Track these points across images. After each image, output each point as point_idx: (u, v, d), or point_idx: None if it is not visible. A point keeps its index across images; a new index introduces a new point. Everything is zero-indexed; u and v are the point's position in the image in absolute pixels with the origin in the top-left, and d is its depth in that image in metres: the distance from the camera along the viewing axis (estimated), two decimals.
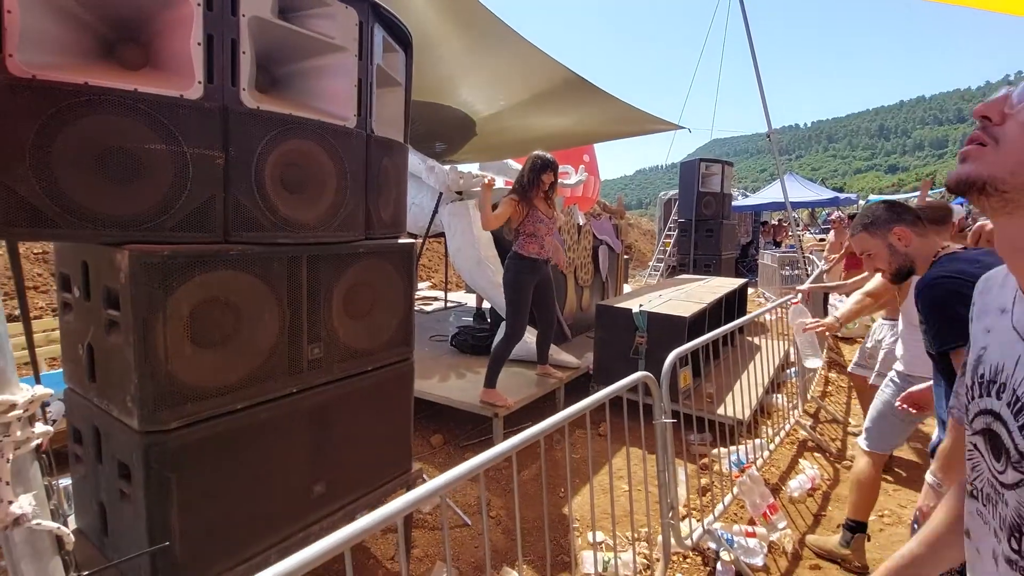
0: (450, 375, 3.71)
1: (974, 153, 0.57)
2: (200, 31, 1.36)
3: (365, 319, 1.90)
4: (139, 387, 1.31)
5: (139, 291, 1.29)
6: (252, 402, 1.53)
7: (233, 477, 1.51)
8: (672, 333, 3.43)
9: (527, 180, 3.21)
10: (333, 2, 1.64)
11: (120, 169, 1.29)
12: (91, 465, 1.56)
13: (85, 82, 1.25)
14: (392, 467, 2.07)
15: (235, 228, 1.46)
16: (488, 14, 3.46)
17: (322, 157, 1.65)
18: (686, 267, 9.18)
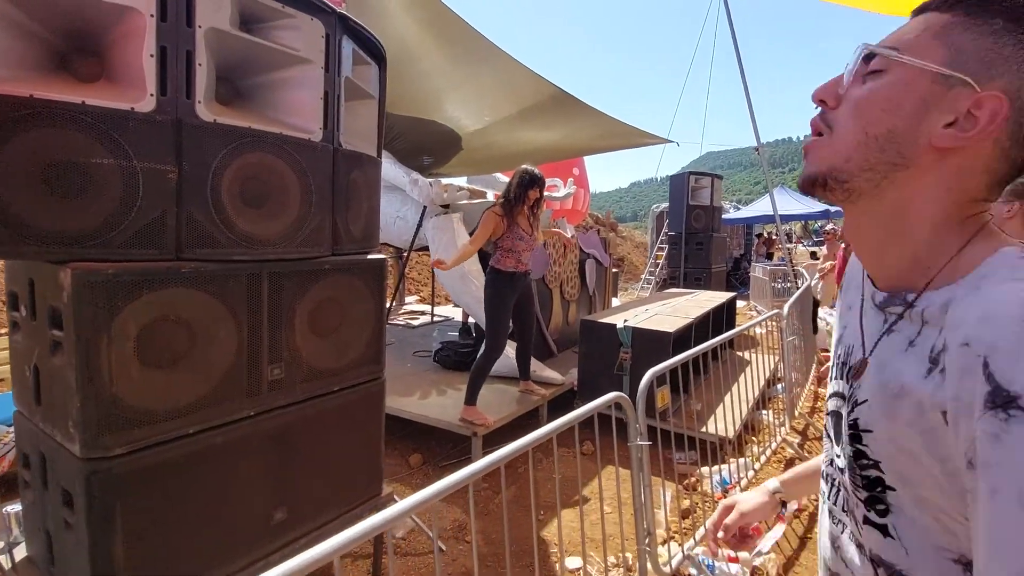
0: (431, 392, 3.65)
1: (812, 147, 0.55)
2: (153, 42, 1.32)
3: (331, 337, 1.84)
4: (81, 411, 1.25)
5: (82, 310, 1.23)
6: (206, 426, 1.47)
7: (185, 505, 1.44)
8: (657, 349, 3.38)
9: (513, 195, 3.18)
10: (297, 14, 1.61)
11: (66, 184, 1.24)
12: (38, 492, 1.49)
13: (30, 95, 1.21)
14: (361, 491, 2.01)
15: (188, 245, 1.41)
16: (471, 31, 3.46)
17: (284, 171, 1.61)
18: (676, 280, 9.17)
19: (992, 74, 0.46)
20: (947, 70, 0.47)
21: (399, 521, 1.03)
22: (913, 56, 0.49)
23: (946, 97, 0.48)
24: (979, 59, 0.46)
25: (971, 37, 0.47)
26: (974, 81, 0.46)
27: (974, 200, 0.50)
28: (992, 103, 0.46)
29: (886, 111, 0.50)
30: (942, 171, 0.49)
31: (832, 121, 0.53)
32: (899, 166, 0.50)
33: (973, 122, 0.46)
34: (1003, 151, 0.47)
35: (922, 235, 0.51)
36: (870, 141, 0.50)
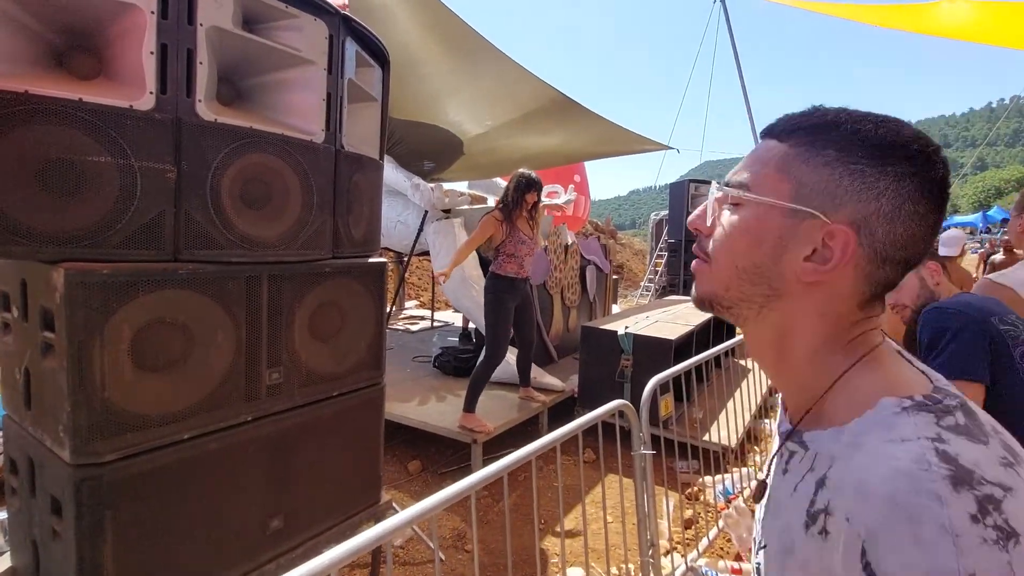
0: (430, 398, 3.61)
1: (697, 271, 0.56)
2: (153, 40, 1.30)
3: (331, 341, 1.81)
4: (72, 415, 1.21)
5: (75, 312, 1.20)
6: (201, 431, 1.43)
7: (178, 513, 1.40)
8: (658, 356, 3.36)
9: (511, 199, 3.16)
10: (301, 14, 1.58)
11: (61, 182, 1.21)
12: (25, 499, 1.45)
13: (25, 90, 1.18)
14: (359, 499, 1.96)
15: (187, 245, 1.38)
16: (474, 35, 3.45)
17: (285, 172, 1.58)
18: (676, 288, 9.15)
19: (836, 204, 0.47)
20: (794, 204, 0.48)
21: (403, 531, 0.99)
22: (761, 192, 0.50)
23: (799, 229, 0.48)
24: (821, 191, 0.47)
25: (809, 170, 0.48)
26: (821, 213, 0.47)
27: (853, 322, 0.50)
28: (841, 236, 0.47)
29: (749, 246, 0.51)
30: (814, 298, 0.49)
31: (707, 249, 0.54)
32: (772, 297, 0.51)
33: (830, 252, 0.47)
34: (865, 274, 0.48)
35: (805, 360, 0.51)
36: (741, 274, 0.51)
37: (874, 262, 0.48)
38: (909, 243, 0.47)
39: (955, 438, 0.40)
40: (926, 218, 0.47)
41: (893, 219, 0.46)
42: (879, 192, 0.46)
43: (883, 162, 0.46)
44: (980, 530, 0.35)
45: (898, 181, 0.46)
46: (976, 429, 0.41)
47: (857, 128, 0.47)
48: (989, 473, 0.37)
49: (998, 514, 0.35)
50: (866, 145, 0.47)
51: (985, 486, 0.37)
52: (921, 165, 0.46)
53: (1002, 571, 0.34)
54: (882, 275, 0.48)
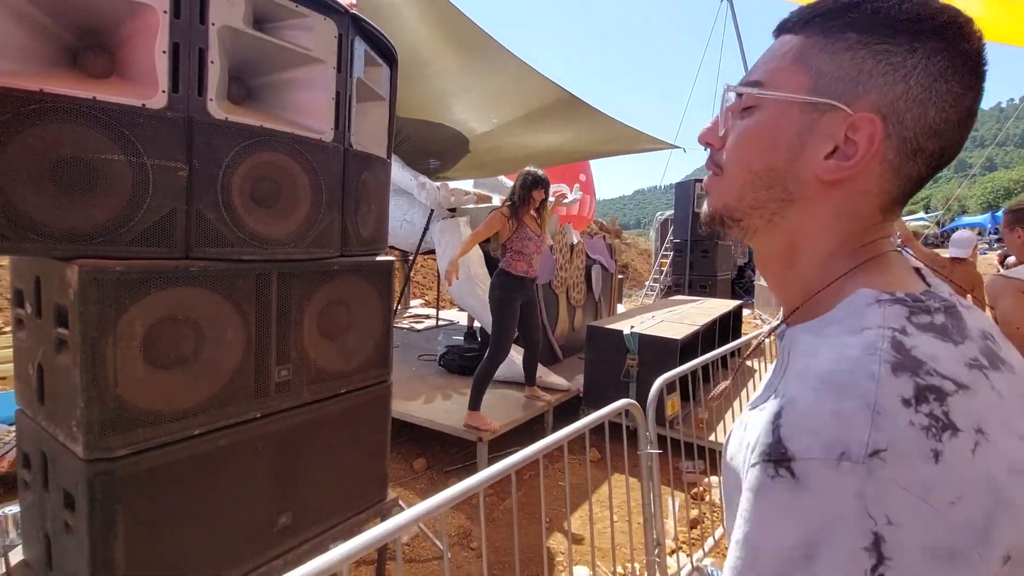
0: (436, 396, 3.62)
1: (709, 186, 0.53)
2: (166, 39, 1.31)
3: (339, 339, 1.82)
4: (85, 411, 1.23)
5: (88, 309, 1.21)
6: (211, 427, 1.45)
7: (188, 508, 1.41)
8: (664, 356, 3.35)
9: (517, 196, 3.16)
10: (311, 13, 1.59)
11: (74, 180, 1.22)
12: (38, 493, 1.46)
13: (40, 89, 1.19)
14: (366, 496, 1.97)
15: (198, 243, 1.39)
16: (481, 33, 3.45)
17: (295, 171, 1.59)
18: (681, 288, 9.13)
19: (859, 92, 0.43)
20: (813, 97, 0.45)
21: (409, 528, 1.00)
22: (776, 88, 0.47)
23: (819, 125, 0.45)
24: (842, 79, 0.44)
25: (829, 57, 0.44)
26: (844, 104, 0.43)
27: (870, 225, 0.46)
28: (867, 126, 0.43)
29: (763, 149, 0.47)
30: (832, 200, 0.46)
31: (720, 162, 0.51)
32: (788, 201, 0.47)
33: (853, 148, 0.43)
34: (893, 168, 0.44)
35: (814, 266, 0.48)
36: (756, 179, 0.48)
37: (903, 154, 0.43)
38: (944, 129, 0.43)
39: (920, 333, 0.38)
40: (961, 98, 0.43)
41: (924, 102, 0.42)
42: (907, 72, 0.42)
43: (910, 38, 0.42)
44: (910, 413, 0.33)
45: (928, 58, 0.42)
46: (953, 330, 0.39)
47: (879, 5, 0.43)
48: (945, 368, 0.36)
49: (938, 404, 0.34)
50: (889, 23, 0.42)
51: (934, 377, 0.35)
52: (952, 38, 0.42)
53: (922, 454, 0.32)
54: (913, 169, 0.44)
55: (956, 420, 0.33)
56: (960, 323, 0.40)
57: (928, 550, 0.31)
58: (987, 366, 0.37)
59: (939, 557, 0.30)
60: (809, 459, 0.33)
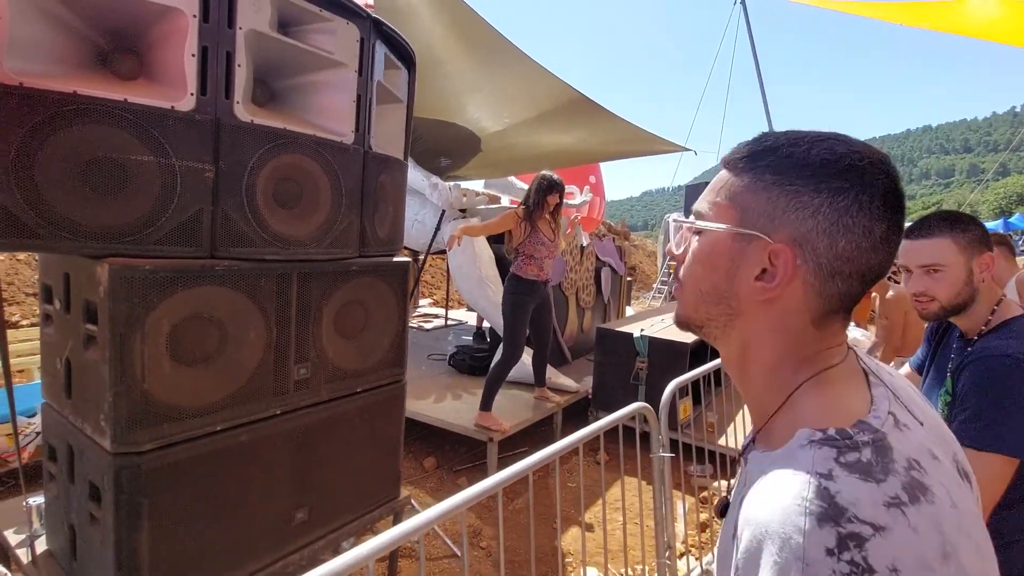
0: (446, 396, 3.64)
1: (676, 293, 0.60)
2: (195, 43, 1.34)
3: (356, 338, 1.84)
4: (113, 405, 1.26)
5: (117, 306, 1.24)
6: (233, 423, 1.47)
7: (209, 503, 1.44)
8: (674, 359, 3.36)
9: (532, 201, 3.17)
10: (334, 17, 1.62)
11: (106, 180, 1.25)
12: (63, 485, 1.50)
13: (74, 91, 1.22)
14: (379, 494, 2.00)
15: (223, 243, 1.42)
16: (495, 34, 3.47)
17: (317, 172, 1.62)
18: None
19: (776, 225, 0.50)
20: (740, 229, 0.51)
21: (432, 526, 1.02)
22: (713, 220, 0.54)
23: (747, 252, 0.51)
24: (762, 214, 0.50)
25: (751, 195, 0.51)
26: (764, 234, 0.50)
27: (806, 339, 0.52)
28: (784, 254, 0.49)
29: (706, 270, 0.55)
30: (768, 315, 0.52)
31: (680, 275, 0.59)
32: (732, 315, 0.54)
33: (775, 271, 0.50)
34: (814, 289, 0.50)
35: (761, 375, 0.54)
36: (704, 296, 0.55)
37: (821, 276, 0.49)
38: (856, 255, 0.48)
39: (845, 476, 0.42)
40: (870, 230, 0.48)
41: (833, 234, 0.48)
42: (814, 210, 0.48)
43: (816, 181, 0.48)
44: (832, 563, 0.38)
45: (832, 197, 0.48)
46: (878, 467, 0.43)
47: (791, 151, 0.50)
48: (864, 512, 0.40)
49: (858, 551, 0.38)
50: (799, 165, 0.49)
51: (854, 524, 0.39)
52: (855, 179, 0.48)
53: None
54: (834, 288, 0.50)
55: (873, 563, 0.38)
56: (886, 457, 0.44)
57: None
58: (906, 503, 0.41)
59: None
60: None
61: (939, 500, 0.43)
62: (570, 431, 3.80)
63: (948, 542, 0.41)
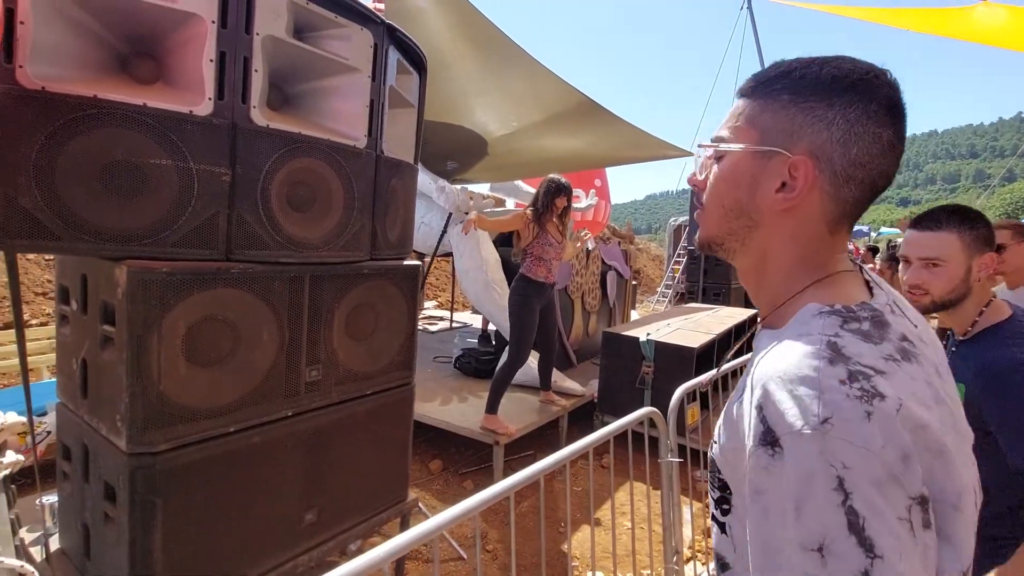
0: (452, 398, 3.65)
1: (698, 217, 0.66)
2: (213, 48, 1.35)
3: (366, 341, 1.86)
4: (129, 406, 1.27)
5: (135, 307, 1.25)
6: (245, 425, 1.49)
7: (221, 503, 1.45)
8: (680, 364, 3.36)
9: (540, 203, 3.18)
10: (349, 24, 1.63)
11: (125, 183, 1.27)
12: (78, 484, 1.51)
13: (95, 95, 1.24)
14: (387, 496, 2.01)
15: (238, 246, 1.44)
16: (503, 37, 3.48)
17: (330, 176, 1.63)
18: (695, 295, 9.09)
19: (795, 140, 0.55)
20: (761, 147, 0.57)
21: (444, 529, 1.03)
22: (734, 142, 0.60)
23: (768, 167, 0.57)
24: (781, 131, 0.56)
25: (770, 116, 0.57)
26: (784, 150, 0.56)
27: (820, 244, 0.58)
28: (802, 166, 0.55)
29: (729, 187, 0.60)
30: (787, 224, 0.58)
31: (702, 199, 0.65)
32: (753, 227, 0.60)
33: (795, 182, 0.56)
34: (830, 196, 0.56)
35: (779, 279, 0.60)
36: (726, 212, 0.61)
37: (836, 183, 0.55)
38: (867, 160, 0.54)
39: (850, 336, 0.50)
40: (879, 136, 0.54)
41: (846, 142, 0.54)
42: (829, 122, 0.54)
43: (829, 96, 0.54)
44: (846, 388, 0.45)
45: (844, 109, 0.53)
46: (876, 334, 0.50)
47: (804, 72, 0.55)
48: (867, 360, 0.47)
49: (866, 381, 0.45)
50: (812, 84, 0.55)
51: (860, 366, 0.46)
52: (863, 91, 0.53)
53: (858, 416, 0.43)
54: (847, 193, 0.56)
55: (882, 391, 0.45)
56: (883, 329, 0.51)
57: (873, 481, 0.42)
58: (899, 359, 0.49)
59: (880, 484, 0.42)
60: (785, 435, 0.45)
61: (926, 365, 0.51)
62: (575, 435, 3.80)
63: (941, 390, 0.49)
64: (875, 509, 0.41)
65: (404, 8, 3.22)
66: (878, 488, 0.42)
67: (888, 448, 0.43)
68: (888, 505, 0.42)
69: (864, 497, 0.41)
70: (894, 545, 0.41)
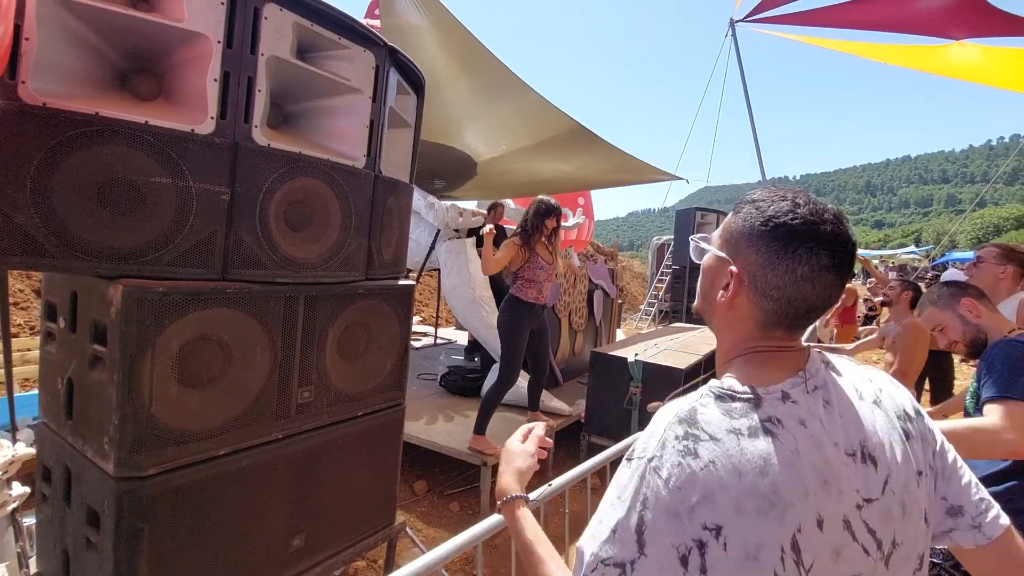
0: (438, 417, 3.62)
1: None
2: (218, 67, 1.35)
3: (359, 361, 1.84)
4: (119, 428, 1.24)
5: (129, 327, 1.23)
6: (235, 447, 1.46)
7: (208, 528, 1.41)
8: (668, 385, 3.38)
9: (530, 225, 3.20)
10: (352, 45, 1.65)
11: (122, 201, 1.25)
12: (58, 507, 1.46)
13: (96, 112, 1.23)
14: (375, 519, 1.97)
15: (234, 265, 1.42)
16: (497, 63, 3.53)
17: (328, 196, 1.63)
18: (679, 314, 9.19)
19: (738, 254, 0.71)
20: (719, 253, 0.74)
21: (440, 565, 1.02)
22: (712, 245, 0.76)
23: (722, 270, 0.73)
24: (733, 245, 0.72)
25: (731, 232, 0.73)
26: (731, 260, 0.71)
27: (751, 337, 0.71)
28: (736, 275, 0.70)
29: (705, 278, 0.78)
30: (728, 317, 0.73)
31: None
32: (711, 312, 0.76)
33: (729, 286, 0.71)
34: (754, 303, 0.70)
35: (721, 355, 0.76)
36: (703, 295, 0.79)
37: (757, 296, 0.69)
38: (782, 285, 0.67)
39: (712, 406, 0.63)
40: (792, 269, 0.66)
41: (764, 267, 0.68)
42: (756, 249, 0.69)
43: (762, 231, 0.68)
44: (675, 443, 0.60)
45: (768, 243, 0.67)
46: (738, 412, 0.62)
47: (760, 204, 0.70)
48: (710, 428, 0.60)
49: (693, 441, 0.59)
50: (760, 217, 0.69)
51: (699, 430, 0.60)
52: (785, 234, 0.66)
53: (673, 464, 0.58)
54: (767, 305, 0.69)
55: (700, 452, 0.59)
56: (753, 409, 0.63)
57: (665, 509, 0.57)
58: (745, 435, 0.60)
59: (670, 514, 0.57)
60: (633, 454, 0.63)
61: (782, 445, 0.60)
62: (562, 455, 3.78)
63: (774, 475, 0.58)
64: (655, 527, 0.57)
65: (398, 25, 3.25)
66: (665, 516, 0.57)
67: (683, 491, 0.57)
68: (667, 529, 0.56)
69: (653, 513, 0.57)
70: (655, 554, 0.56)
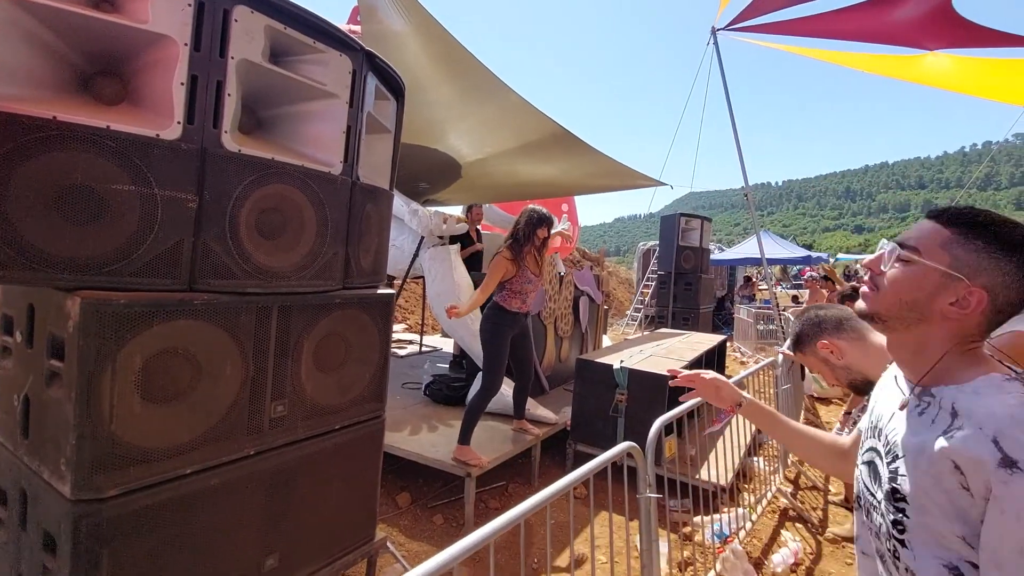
0: (422, 427, 3.55)
1: (866, 295, 0.85)
2: (185, 71, 1.30)
3: (336, 372, 1.78)
4: (76, 448, 1.17)
5: (87, 341, 1.17)
6: (203, 466, 1.39)
7: (174, 551, 1.35)
8: (654, 391, 3.36)
9: (522, 234, 3.16)
10: (327, 49, 1.61)
11: (82, 209, 1.19)
12: (14, 532, 1.39)
13: (53, 116, 1.17)
14: (354, 536, 1.91)
15: (203, 275, 1.36)
16: (480, 66, 3.51)
17: (303, 203, 1.58)
18: (664, 320, 9.21)
19: (977, 274, 0.74)
20: (951, 271, 0.75)
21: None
22: (928, 259, 0.77)
23: (950, 286, 0.75)
24: (969, 266, 0.74)
25: (963, 251, 0.75)
26: (967, 279, 0.74)
27: (973, 339, 0.77)
28: (978, 295, 0.74)
29: (912, 289, 0.79)
30: (948, 326, 0.77)
31: (879, 284, 0.83)
32: (920, 320, 0.79)
33: (967, 303, 0.74)
34: (987, 318, 0.75)
35: (935, 357, 0.79)
36: (902, 304, 0.79)
37: (993, 311, 0.75)
38: (1016, 304, 0.74)
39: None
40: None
41: (1009, 288, 0.73)
42: (1004, 272, 0.73)
43: (1011, 254, 0.73)
44: None
45: (1018, 266, 0.73)
46: None
47: (998, 231, 0.74)
48: None
49: None
50: (1001, 240, 0.74)
51: None
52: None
53: None
54: (996, 319, 0.76)
55: None
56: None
57: None
58: None
59: None
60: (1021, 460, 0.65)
61: None
62: (548, 463, 3.73)
63: None
64: None
65: (380, 31, 3.22)
66: None
67: None
68: None
69: None
70: None
